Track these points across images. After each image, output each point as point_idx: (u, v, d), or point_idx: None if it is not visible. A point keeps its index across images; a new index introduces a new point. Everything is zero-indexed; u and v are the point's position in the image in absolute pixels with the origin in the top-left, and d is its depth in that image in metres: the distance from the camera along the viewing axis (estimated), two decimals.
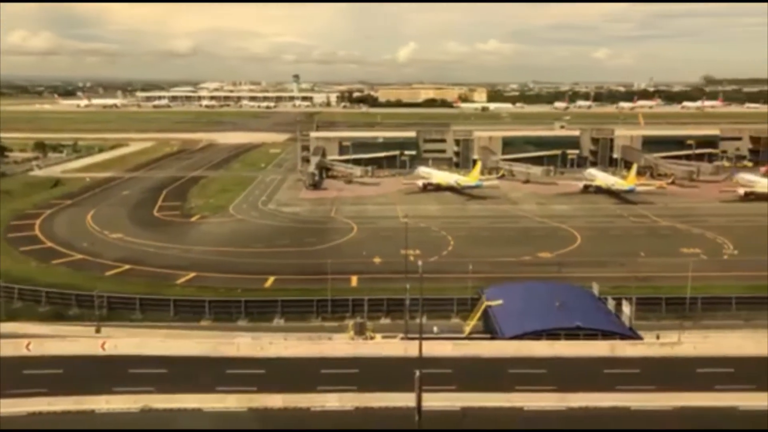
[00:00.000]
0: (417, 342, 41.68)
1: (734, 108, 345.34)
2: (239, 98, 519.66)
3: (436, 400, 40.82)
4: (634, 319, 60.78)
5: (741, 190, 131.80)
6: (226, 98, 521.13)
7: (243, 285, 77.78)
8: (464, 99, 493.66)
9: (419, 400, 37.32)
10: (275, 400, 41.95)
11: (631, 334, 56.16)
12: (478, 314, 61.76)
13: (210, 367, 46.66)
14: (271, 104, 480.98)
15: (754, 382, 43.57)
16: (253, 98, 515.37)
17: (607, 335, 53.34)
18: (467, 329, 61.36)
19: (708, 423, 39.10)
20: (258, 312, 71.08)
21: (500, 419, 40.04)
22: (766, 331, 65.40)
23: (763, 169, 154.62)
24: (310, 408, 41.33)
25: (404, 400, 40.03)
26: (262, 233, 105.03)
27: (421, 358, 38.83)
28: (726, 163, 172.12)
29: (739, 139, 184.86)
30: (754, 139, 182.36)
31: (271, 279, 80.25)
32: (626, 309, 59.98)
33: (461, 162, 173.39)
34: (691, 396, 41.92)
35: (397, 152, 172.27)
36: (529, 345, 50.29)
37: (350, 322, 63.14)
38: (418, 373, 37.04)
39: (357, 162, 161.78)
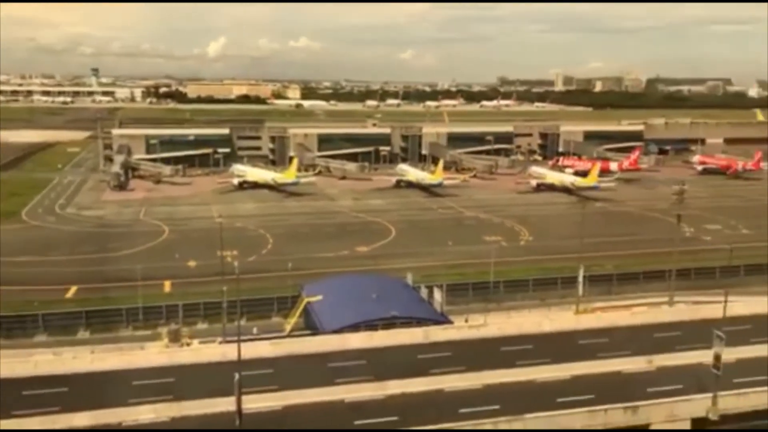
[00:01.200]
0: (236, 345, 40.65)
1: (525, 107, 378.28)
2: (30, 92, 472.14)
3: (257, 402, 40.17)
4: (445, 305, 64.29)
5: (533, 182, 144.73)
6: (14, 92, 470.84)
7: (41, 297, 71.03)
8: (278, 96, 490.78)
9: (239, 403, 36.50)
10: (81, 419, 38.71)
11: (443, 319, 59.36)
12: (299, 311, 61.76)
13: (2, 389, 41.89)
14: (68, 99, 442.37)
15: (549, 356, 47.94)
16: (46, 93, 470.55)
17: (421, 322, 55.85)
18: (288, 327, 61.12)
19: (510, 397, 42.34)
20: (59, 325, 65.31)
21: (321, 413, 40.35)
22: (558, 308, 72.87)
23: (551, 162, 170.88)
24: (121, 423, 38.69)
25: (224, 405, 38.92)
26: (61, 240, 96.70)
27: (240, 360, 37.98)
28: (520, 158, 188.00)
29: (530, 135, 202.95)
30: (543, 135, 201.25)
31: (73, 289, 74.23)
32: (438, 296, 63.30)
33: (277, 159, 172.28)
34: (496, 373, 45.15)
35: (209, 150, 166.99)
36: (348, 338, 51.15)
37: (164, 330, 60.17)
38: (237, 376, 36.18)
39: (167, 161, 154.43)
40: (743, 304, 59.09)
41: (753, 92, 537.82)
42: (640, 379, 45.33)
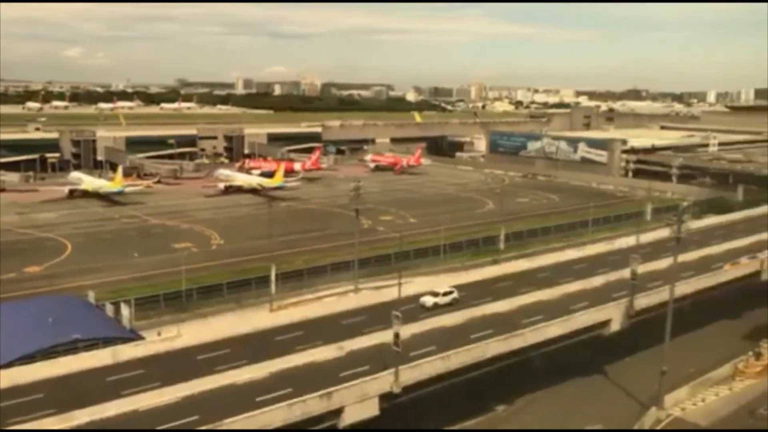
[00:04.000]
0: None
1: (208, 109, 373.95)
2: None
3: None
4: (135, 320, 60.79)
5: (221, 185, 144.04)
6: None
7: None
8: None
9: None
10: None
11: (132, 336, 55.94)
12: None
13: None
14: None
15: (247, 357, 48.30)
16: None
17: (108, 342, 51.88)
18: None
19: (210, 405, 41.63)
20: None
21: None
22: (254, 309, 73.77)
23: (237, 164, 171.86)
24: None
25: None
26: None
27: None
28: (206, 161, 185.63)
29: (214, 138, 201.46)
30: (228, 138, 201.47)
31: None
32: (125, 312, 59.48)
33: None
34: (193, 383, 43.96)
35: None
36: (21, 371, 45.20)
37: None
38: None
39: None
40: (414, 284, 66.73)
41: (411, 97, 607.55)
42: (332, 366, 48.19)
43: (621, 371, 63.88)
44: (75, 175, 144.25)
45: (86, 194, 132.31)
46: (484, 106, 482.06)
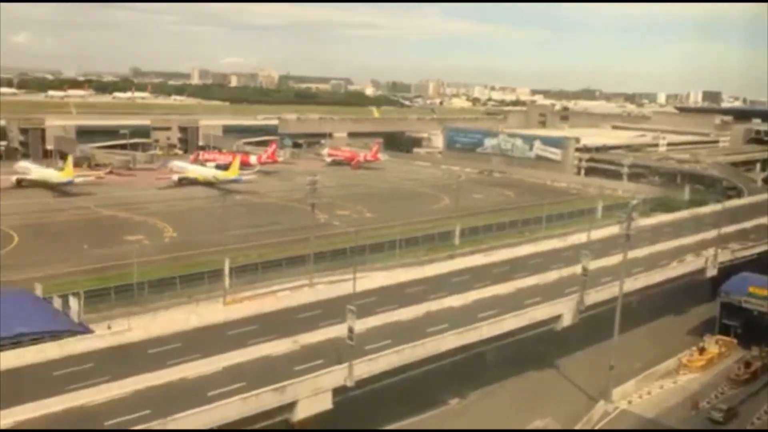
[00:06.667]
0: None
1: (162, 100, 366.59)
2: None
3: None
4: (84, 313, 59.37)
5: (175, 177, 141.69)
6: None
7: None
8: None
9: None
10: None
11: (81, 330, 54.59)
12: None
13: None
14: None
15: (199, 351, 47.65)
16: None
17: (55, 335, 50.56)
18: None
19: (161, 399, 40.98)
20: None
21: None
22: (207, 302, 72.84)
23: (192, 156, 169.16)
24: None
25: None
26: None
27: None
28: (159, 152, 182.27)
29: (169, 129, 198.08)
30: (182, 129, 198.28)
31: None
32: (74, 305, 58.04)
33: None
34: (144, 377, 43.21)
35: None
36: None
37: None
38: None
39: None
40: (370, 279, 66.87)
41: (369, 91, 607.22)
42: (286, 360, 47.95)
43: (571, 365, 65.24)
44: (23, 164, 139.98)
45: (35, 184, 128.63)
46: (441, 103, 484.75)
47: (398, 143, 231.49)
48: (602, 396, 57.99)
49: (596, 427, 55.46)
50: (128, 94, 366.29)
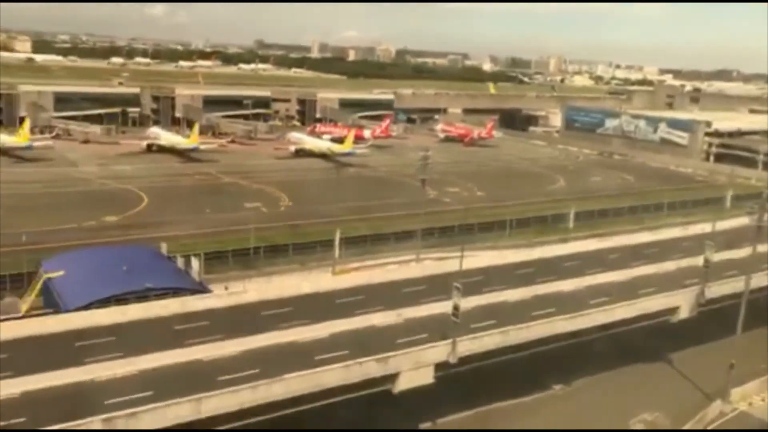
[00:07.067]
0: None
1: (283, 72, 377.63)
2: None
3: None
4: (204, 274, 62.78)
5: (292, 148, 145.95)
6: None
7: None
8: (4, 48, 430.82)
9: None
10: None
11: (201, 289, 57.82)
12: (37, 289, 55.89)
13: None
14: None
15: (308, 317, 49.28)
16: None
17: (178, 293, 53.85)
18: (24, 307, 55.10)
19: (270, 360, 42.79)
20: None
21: (67, 396, 37.19)
22: (318, 271, 75.01)
23: (308, 128, 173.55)
24: None
25: None
26: None
27: None
28: (279, 123, 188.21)
29: (288, 100, 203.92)
30: (301, 101, 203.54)
31: None
32: (195, 265, 61.52)
33: (5, 119, 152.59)
34: (256, 338, 45.30)
35: None
36: (95, 314, 47.54)
37: None
38: None
39: None
40: (477, 258, 66.33)
41: (487, 67, 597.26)
42: (390, 332, 48.63)
43: (686, 360, 62.03)
44: (153, 130, 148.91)
45: (163, 149, 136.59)
46: (562, 80, 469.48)
47: (514, 121, 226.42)
48: (719, 395, 54.80)
49: (710, 427, 52.62)
50: (252, 66, 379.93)
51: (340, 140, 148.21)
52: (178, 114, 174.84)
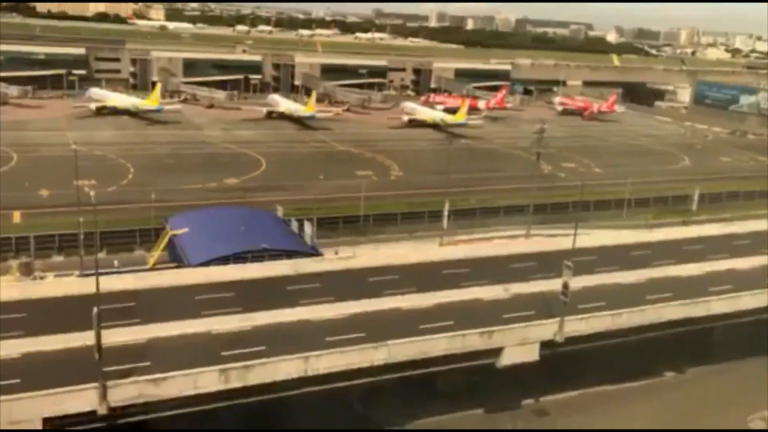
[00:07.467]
0: (94, 278, 38.78)
1: (400, 41, 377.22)
2: None
3: (119, 336, 38.91)
4: (316, 238, 64.72)
5: (405, 118, 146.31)
6: None
7: None
8: (140, 16, 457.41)
9: (98, 337, 35.09)
10: None
11: (313, 252, 59.80)
12: (163, 244, 59.83)
13: None
14: None
15: (414, 285, 49.83)
16: None
17: (291, 254, 55.94)
18: (152, 260, 59.16)
19: (376, 325, 43.76)
20: None
21: (187, 345, 39.84)
22: (425, 241, 75.38)
23: (422, 98, 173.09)
24: None
25: (82, 339, 37.34)
26: None
27: (99, 293, 36.31)
28: (393, 92, 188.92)
29: (403, 70, 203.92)
30: (416, 71, 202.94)
31: None
32: (308, 229, 63.55)
33: (139, 84, 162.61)
34: (363, 303, 46.40)
35: (63, 71, 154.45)
36: (216, 270, 50.37)
37: (14, 263, 56.27)
38: (96, 309, 34.66)
39: (12, 81, 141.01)
40: (591, 237, 64.21)
41: (611, 38, 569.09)
42: (496, 306, 48.33)
43: None
44: (273, 97, 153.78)
45: (281, 116, 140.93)
46: (694, 53, 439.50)
47: (638, 95, 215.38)
48: None
49: None
50: (369, 35, 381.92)
51: (453, 111, 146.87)
52: (297, 82, 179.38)
